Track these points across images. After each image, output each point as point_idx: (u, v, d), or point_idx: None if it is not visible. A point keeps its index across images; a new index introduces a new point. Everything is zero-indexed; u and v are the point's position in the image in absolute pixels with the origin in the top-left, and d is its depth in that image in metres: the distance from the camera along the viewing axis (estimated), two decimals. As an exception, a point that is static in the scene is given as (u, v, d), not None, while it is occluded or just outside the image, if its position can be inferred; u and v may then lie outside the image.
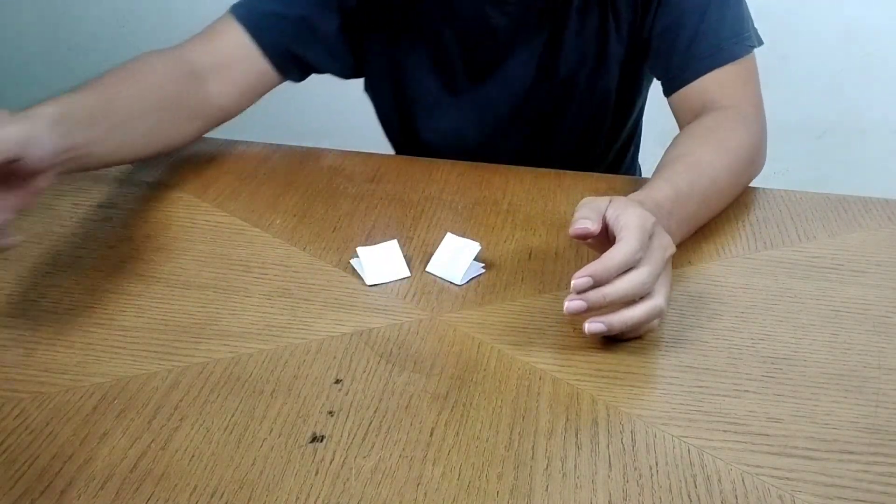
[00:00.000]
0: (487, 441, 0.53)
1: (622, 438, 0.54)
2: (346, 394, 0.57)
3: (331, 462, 0.51)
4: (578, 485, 0.50)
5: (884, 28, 1.79)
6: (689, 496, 0.50)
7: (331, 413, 0.55)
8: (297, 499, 0.49)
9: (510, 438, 0.53)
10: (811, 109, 1.88)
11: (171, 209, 0.79)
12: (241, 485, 0.49)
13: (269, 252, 0.73)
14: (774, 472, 0.51)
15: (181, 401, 0.56)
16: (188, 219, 0.78)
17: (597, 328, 0.59)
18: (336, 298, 0.67)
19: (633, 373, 0.59)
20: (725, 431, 0.54)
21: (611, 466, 0.51)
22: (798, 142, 1.91)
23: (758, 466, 0.52)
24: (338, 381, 0.58)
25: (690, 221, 0.73)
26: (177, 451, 0.52)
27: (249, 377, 0.58)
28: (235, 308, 0.65)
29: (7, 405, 0.55)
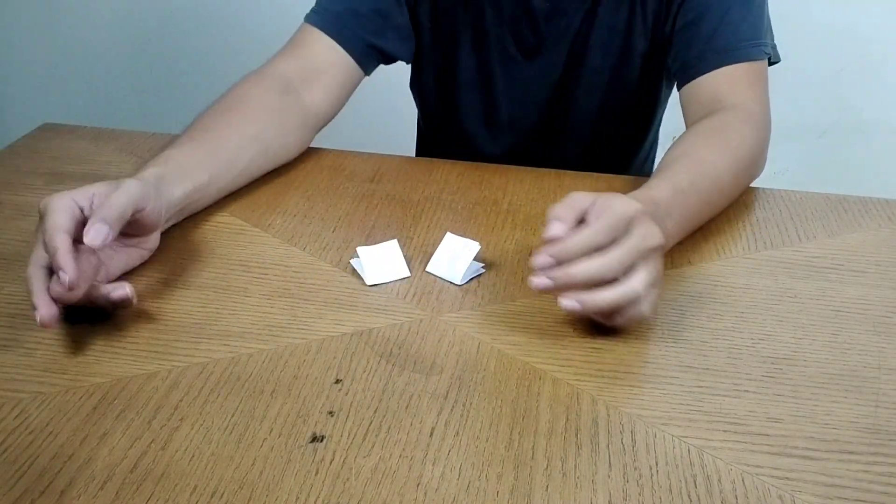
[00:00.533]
0: (487, 441, 0.53)
1: (622, 438, 0.54)
2: (346, 394, 0.57)
3: (331, 462, 0.51)
4: (578, 485, 0.50)
5: (884, 28, 1.79)
6: (689, 496, 0.50)
7: (331, 413, 0.55)
8: (297, 499, 0.49)
9: (510, 438, 0.53)
10: (811, 109, 1.88)
11: (171, 209, 0.79)
12: (241, 485, 0.49)
13: (269, 252, 0.73)
14: (774, 472, 0.51)
15: (181, 401, 0.56)
16: (188, 219, 0.78)
17: (569, 304, 0.59)
18: (336, 298, 0.67)
19: (633, 373, 0.59)
20: (725, 431, 0.54)
21: (611, 466, 0.51)
22: (798, 142, 1.91)
23: (758, 466, 0.52)
24: (338, 381, 0.58)
25: (691, 220, 0.74)
26: (177, 451, 0.52)
27: (249, 377, 0.58)
28: (235, 308, 0.65)
29: (7, 405, 0.55)
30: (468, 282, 0.69)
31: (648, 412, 0.56)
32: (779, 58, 0.89)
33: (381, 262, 0.70)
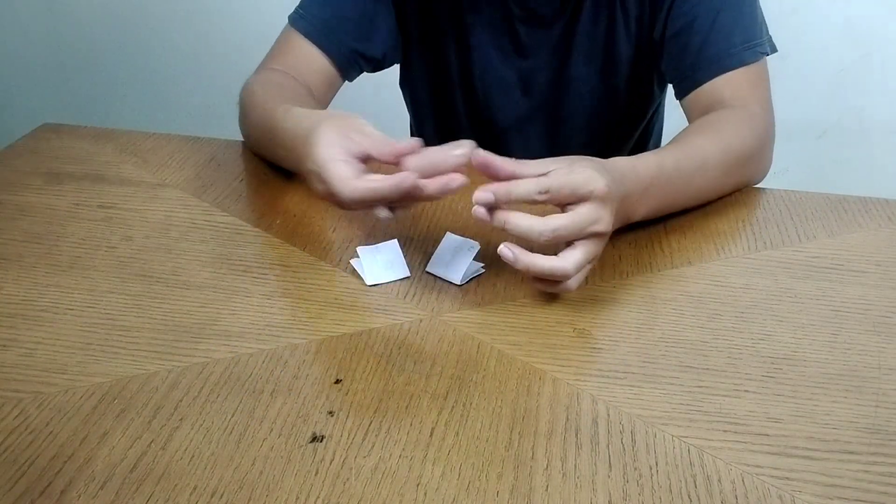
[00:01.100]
0: (487, 441, 0.53)
1: (622, 438, 0.54)
2: (346, 394, 0.57)
3: (331, 462, 0.51)
4: (578, 485, 0.50)
5: (884, 28, 1.79)
6: (689, 496, 0.50)
7: (331, 413, 0.55)
8: (297, 499, 0.49)
9: (510, 438, 0.53)
10: (811, 109, 1.88)
11: (171, 209, 0.79)
12: (241, 485, 0.49)
13: (269, 252, 0.73)
14: (774, 472, 0.51)
15: (181, 401, 0.56)
16: (188, 219, 0.78)
17: (506, 253, 0.62)
18: (336, 298, 0.67)
19: (633, 373, 0.59)
20: (725, 431, 0.54)
21: (611, 466, 0.51)
22: (798, 142, 1.91)
23: (758, 466, 0.52)
24: (338, 381, 0.58)
25: (669, 199, 0.75)
26: (177, 451, 0.52)
27: (249, 377, 0.58)
28: (235, 308, 0.65)
29: (7, 405, 0.55)
30: (468, 282, 0.69)
31: (648, 412, 0.56)
32: (775, 48, 0.88)
33: (381, 262, 0.70)
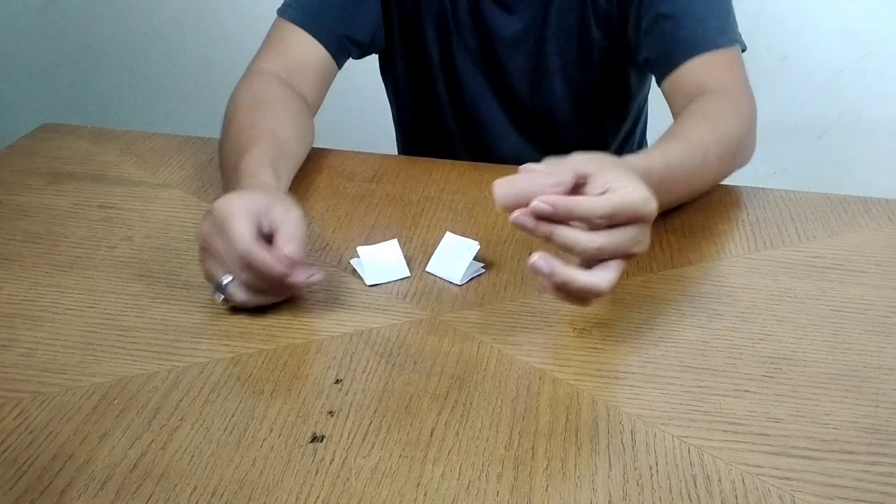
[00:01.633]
0: (487, 441, 0.53)
1: (622, 438, 0.54)
2: (346, 394, 0.57)
3: (331, 462, 0.51)
4: (578, 485, 0.50)
5: (884, 28, 1.79)
6: (689, 496, 0.50)
7: (331, 413, 0.55)
8: (297, 499, 0.48)
9: (510, 438, 0.53)
10: (811, 109, 1.88)
11: (171, 209, 0.79)
12: (241, 485, 0.49)
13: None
14: (774, 472, 0.51)
15: (181, 401, 0.56)
16: (188, 219, 0.78)
17: (541, 265, 0.56)
18: (336, 298, 0.67)
19: (633, 373, 0.59)
20: (725, 431, 0.54)
21: (611, 466, 0.51)
22: (798, 142, 1.91)
23: (758, 466, 0.52)
24: (338, 381, 0.58)
25: (674, 196, 0.75)
26: (177, 451, 0.52)
27: (249, 377, 0.58)
28: (235, 308, 0.65)
29: (7, 405, 0.55)
30: (468, 282, 0.69)
31: (648, 412, 0.56)
32: (745, 47, 0.89)
33: (381, 262, 0.70)
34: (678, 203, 0.78)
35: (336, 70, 0.94)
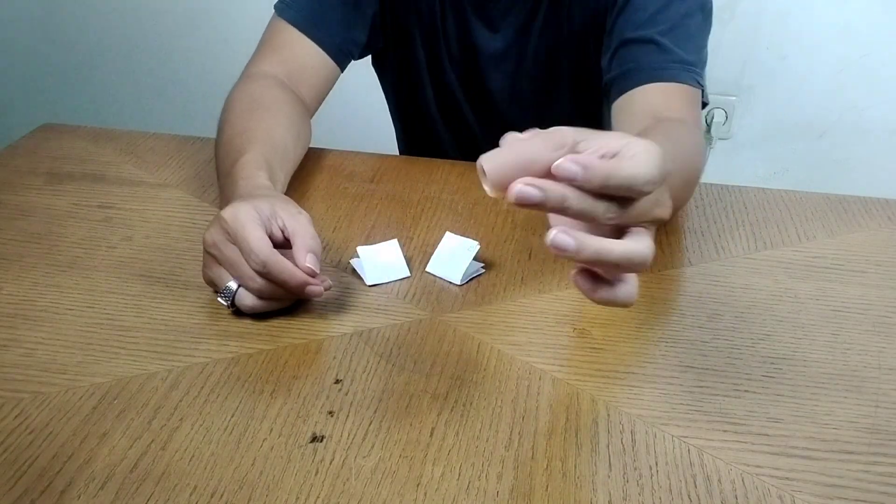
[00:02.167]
0: (487, 441, 0.53)
1: (622, 438, 0.54)
2: (346, 394, 0.57)
3: (331, 462, 0.51)
4: (578, 485, 0.50)
5: (884, 28, 1.79)
6: (689, 496, 0.50)
7: (331, 413, 0.55)
8: (297, 499, 0.49)
9: (510, 438, 0.53)
10: (811, 109, 1.88)
11: (171, 209, 0.79)
12: (241, 485, 0.49)
13: (269, 252, 0.73)
14: (774, 472, 0.51)
15: (181, 401, 0.56)
16: (188, 219, 0.78)
17: (563, 241, 0.44)
18: (336, 298, 0.67)
19: (633, 373, 0.59)
20: (725, 431, 0.54)
21: (611, 466, 0.51)
22: (798, 142, 1.91)
23: (758, 466, 0.52)
24: (338, 381, 0.58)
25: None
26: (177, 451, 0.52)
27: (249, 377, 0.58)
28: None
29: (7, 405, 0.55)
30: (468, 282, 0.69)
31: (648, 412, 0.56)
32: (707, 100, 0.85)
33: (381, 262, 0.70)
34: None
35: (338, 73, 0.94)
